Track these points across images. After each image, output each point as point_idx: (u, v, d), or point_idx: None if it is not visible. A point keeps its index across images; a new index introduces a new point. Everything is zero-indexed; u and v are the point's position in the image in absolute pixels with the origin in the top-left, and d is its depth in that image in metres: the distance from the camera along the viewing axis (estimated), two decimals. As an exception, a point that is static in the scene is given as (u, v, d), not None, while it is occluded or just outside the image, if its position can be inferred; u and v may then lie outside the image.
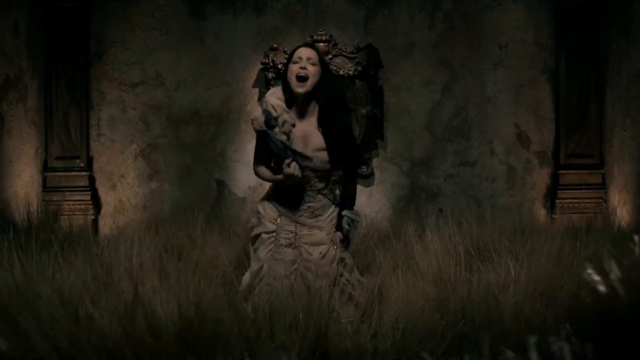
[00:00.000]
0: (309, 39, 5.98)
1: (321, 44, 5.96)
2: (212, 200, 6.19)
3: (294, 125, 3.48)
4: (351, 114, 3.74)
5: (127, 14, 6.10)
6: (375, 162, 6.24)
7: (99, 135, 6.15)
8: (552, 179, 6.22)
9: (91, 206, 6.03)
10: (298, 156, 3.41)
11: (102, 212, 6.13)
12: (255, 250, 3.54)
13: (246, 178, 6.17)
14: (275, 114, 3.43)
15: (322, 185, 3.52)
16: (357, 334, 2.66)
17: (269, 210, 3.55)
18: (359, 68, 6.00)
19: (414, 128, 6.25)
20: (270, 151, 3.46)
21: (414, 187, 6.24)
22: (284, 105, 3.49)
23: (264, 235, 3.51)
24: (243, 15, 6.14)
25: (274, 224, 3.49)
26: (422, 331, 2.70)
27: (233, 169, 6.20)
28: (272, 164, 3.59)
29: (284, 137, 3.42)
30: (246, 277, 3.53)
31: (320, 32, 5.98)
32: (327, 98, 3.52)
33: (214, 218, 5.77)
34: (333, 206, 3.56)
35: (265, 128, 3.42)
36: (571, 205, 6.11)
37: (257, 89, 6.15)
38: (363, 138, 6.11)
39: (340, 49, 6.02)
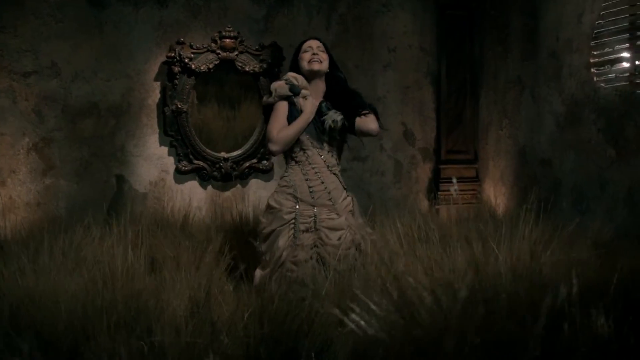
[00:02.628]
0: (216, 34, 5.99)
1: (228, 40, 6.00)
2: (112, 196, 5.99)
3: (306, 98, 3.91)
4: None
5: (18, -2, 5.70)
6: (274, 157, 6.40)
7: (-15, 127, 5.68)
8: (433, 173, 6.80)
9: (-22, 204, 5.56)
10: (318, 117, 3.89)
11: (-10, 210, 5.68)
12: (266, 247, 3.63)
13: (147, 173, 6.06)
14: (296, 83, 3.87)
15: (334, 162, 3.78)
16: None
17: (284, 201, 3.68)
18: (264, 65, 6.13)
19: (311, 125, 6.50)
20: (292, 117, 3.85)
21: (311, 182, 6.49)
22: (302, 77, 3.93)
23: (279, 228, 3.61)
24: (145, 7, 5.99)
25: (291, 213, 3.62)
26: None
27: (134, 164, 6.04)
28: None
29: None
30: (258, 272, 3.61)
31: (228, 28, 6.01)
32: (335, 80, 4.00)
33: (114, 214, 5.62)
34: (344, 192, 3.80)
35: (290, 94, 3.84)
36: (450, 196, 6.74)
37: (158, 83, 6.04)
38: (265, 134, 6.23)
39: (246, 46, 6.10)
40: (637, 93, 4.85)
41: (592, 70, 5.28)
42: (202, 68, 5.96)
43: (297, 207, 3.68)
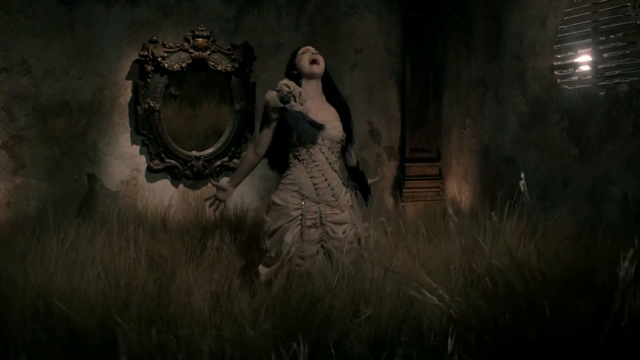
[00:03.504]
0: (189, 33, 6.02)
1: (200, 39, 6.04)
2: (83, 195, 5.95)
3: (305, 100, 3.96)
4: None
5: (-13, -7, 5.60)
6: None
7: (-47, 125, 5.57)
8: (398, 171, 7.00)
9: (-54, 204, 5.46)
10: (314, 124, 3.90)
11: (-41, 210, 5.58)
12: (271, 244, 3.73)
13: (119, 172, 6.05)
14: (288, 89, 3.91)
15: (335, 158, 3.95)
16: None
17: (290, 198, 3.79)
18: (236, 65, 6.20)
19: (281, 123, 6.61)
20: (287, 126, 3.89)
21: (281, 179, 6.60)
22: (294, 83, 3.99)
23: (286, 224, 3.72)
24: (116, 6, 5.97)
25: (298, 209, 3.73)
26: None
27: (105, 163, 6.02)
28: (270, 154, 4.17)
29: (300, 107, 3.84)
30: (262, 269, 3.70)
31: (201, 28, 6.05)
32: (332, 82, 4.23)
33: (86, 213, 5.61)
34: (345, 188, 3.94)
35: (281, 104, 3.87)
36: (415, 193, 6.95)
37: (130, 81, 6.04)
38: (236, 132, 6.32)
39: (218, 46, 6.15)
40: (600, 95, 5.13)
41: (556, 72, 5.55)
42: (175, 67, 5.98)
43: (303, 203, 3.80)
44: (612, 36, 5.07)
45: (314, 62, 4.07)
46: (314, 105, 3.99)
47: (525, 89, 5.86)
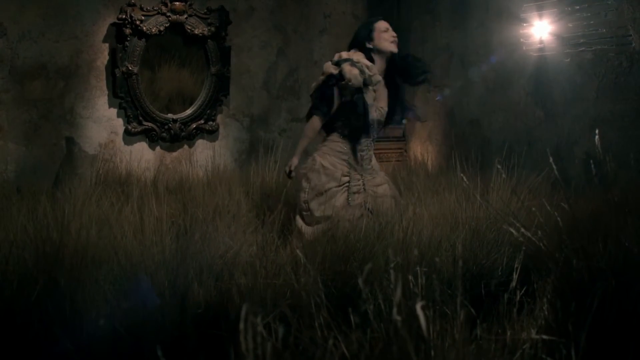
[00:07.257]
0: (170, -4, 6.08)
1: (178, 2, 6.10)
2: (61, 158, 5.96)
3: None
4: None
5: (-40, -47, 5.49)
6: (219, 118, 6.61)
7: None
8: (364, 133, 7.27)
9: None
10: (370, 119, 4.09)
11: (-63, 174, 5.51)
12: (317, 204, 3.92)
13: (97, 135, 6.08)
14: (369, 73, 4.06)
15: (376, 133, 4.22)
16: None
17: (338, 164, 4.00)
18: (212, 29, 6.29)
19: (253, 86, 6.77)
20: (349, 105, 4.03)
21: (253, 141, 6.78)
22: (372, 65, 4.13)
23: (334, 188, 3.94)
24: (92, -33, 5.95)
25: (346, 176, 3.97)
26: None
27: (83, 126, 6.03)
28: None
29: (373, 95, 4.05)
30: (304, 226, 3.89)
31: (179, -9, 6.11)
32: (404, 67, 4.32)
33: (65, 176, 5.66)
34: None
35: (362, 86, 4.02)
36: (380, 154, 7.24)
37: (107, 44, 6.04)
38: (212, 96, 6.44)
39: (195, 9, 6.22)
40: (565, 62, 5.52)
41: (522, 40, 5.90)
42: (153, 30, 6.02)
43: (350, 172, 4.04)
44: (577, 7, 5.44)
45: (393, 42, 4.23)
46: (379, 87, 4.21)
47: (491, 55, 6.20)
